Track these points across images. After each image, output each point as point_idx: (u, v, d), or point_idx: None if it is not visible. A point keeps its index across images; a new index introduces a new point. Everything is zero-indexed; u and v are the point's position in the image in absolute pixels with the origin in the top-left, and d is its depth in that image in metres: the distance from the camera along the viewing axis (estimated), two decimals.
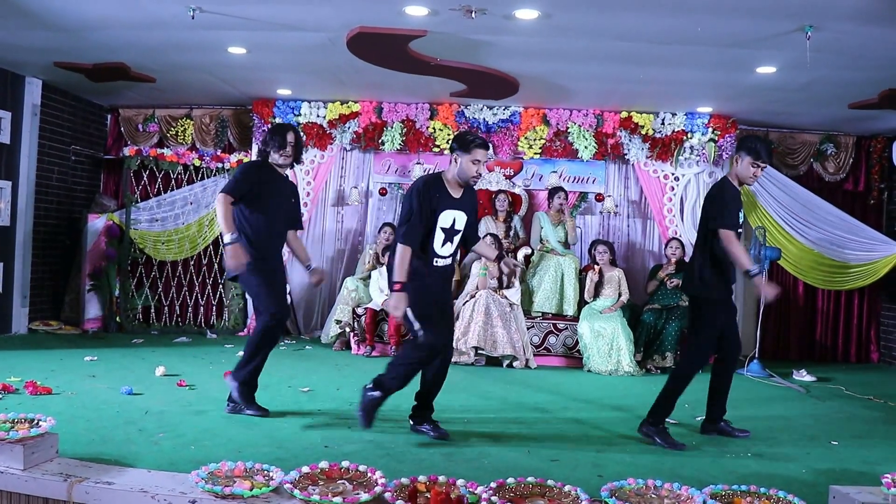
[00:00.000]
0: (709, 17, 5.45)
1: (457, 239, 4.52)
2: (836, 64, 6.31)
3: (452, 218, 4.44)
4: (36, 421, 3.55)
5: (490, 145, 4.51)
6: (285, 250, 5.35)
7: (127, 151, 8.91)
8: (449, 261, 4.54)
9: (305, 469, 3.29)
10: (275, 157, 4.94)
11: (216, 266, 9.19)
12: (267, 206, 4.89)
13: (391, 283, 4.37)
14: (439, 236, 4.41)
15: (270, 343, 4.89)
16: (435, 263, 4.45)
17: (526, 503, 3.11)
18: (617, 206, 9.07)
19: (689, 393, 6.30)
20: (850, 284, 8.56)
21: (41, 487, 3.17)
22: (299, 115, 8.91)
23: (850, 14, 5.18)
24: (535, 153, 8.89)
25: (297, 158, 5.05)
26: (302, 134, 8.70)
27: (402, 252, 4.31)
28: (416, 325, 4.33)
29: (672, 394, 4.73)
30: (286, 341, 8.51)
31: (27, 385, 5.26)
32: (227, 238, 4.65)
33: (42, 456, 3.37)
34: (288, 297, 8.94)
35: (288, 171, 5.13)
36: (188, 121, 9.45)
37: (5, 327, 8.03)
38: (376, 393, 4.38)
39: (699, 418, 5.33)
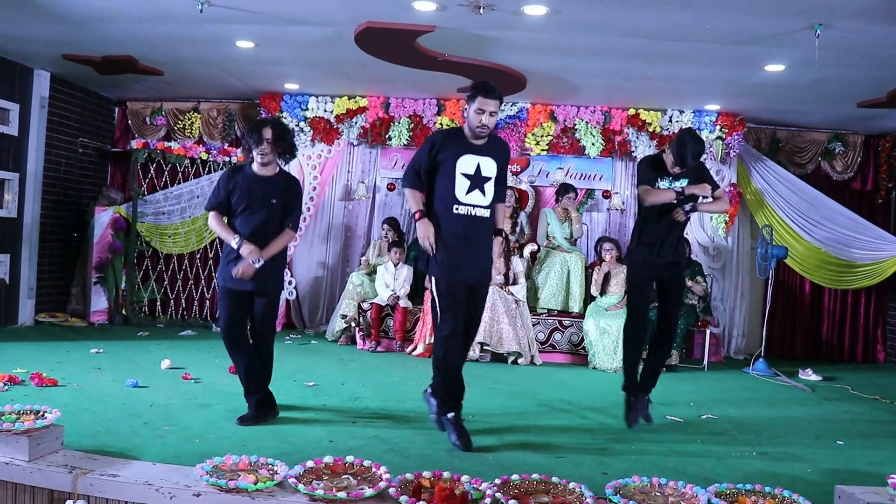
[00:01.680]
0: (717, 14, 5.43)
1: (489, 187, 4.33)
2: (844, 62, 6.28)
3: (476, 163, 4.28)
4: (42, 412, 3.56)
5: (500, 96, 4.34)
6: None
7: (134, 144, 8.94)
8: (480, 211, 4.32)
9: (310, 464, 3.30)
10: (254, 157, 4.60)
11: None
12: (243, 211, 4.60)
13: (413, 216, 4.47)
14: (462, 182, 4.26)
15: (229, 345, 4.71)
16: (456, 210, 4.27)
17: (530, 500, 3.11)
18: (624, 203, 9.05)
19: (695, 392, 6.34)
20: (857, 284, 8.54)
21: (46, 479, 3.19)
22: (306, 109, 8.91)
23: (860, 12, 5.16)
24: (542, 150, 8.87)
25: (284, 153, 4.69)
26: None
27: (407, 193, 4.45)
28: (437, 304, 4.35)
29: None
30: (291, 336, 8.52)
31: (33, 376, 5.29)
32: (234, 244, 4.51)
33: (47, 447, 3.38)
34: (292, 293, 9.04)
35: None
36: (195, 114, 9.46)
37: (12, 319, 8.07)
38: (433, 399, 4.45)
39: (704, 416, 5.33)
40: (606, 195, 9.06)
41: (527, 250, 8.34)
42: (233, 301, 4.65)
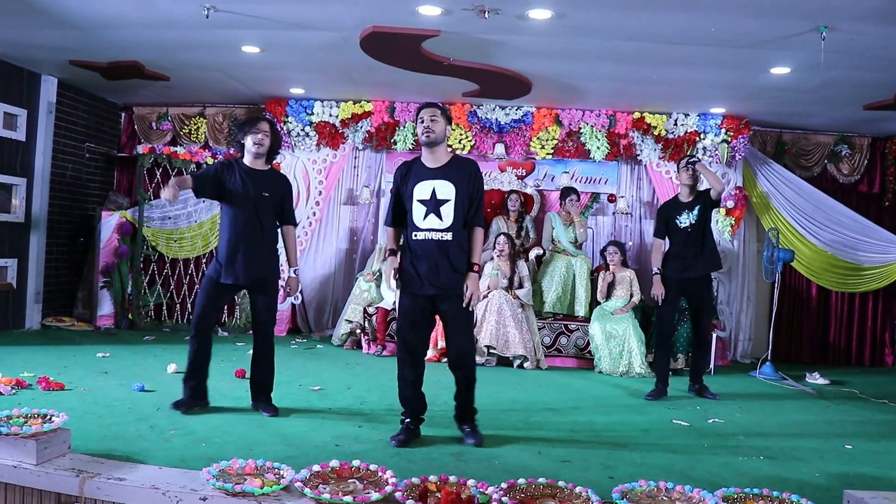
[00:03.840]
0: (722, 18, 5.43)
1: (447, 209, 4.29)
2: (850, 64, 6.28)
3: (431, 188, 4.31)
4: (49, 416, 3.57)
5: (435, 105, 4.41)
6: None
7: (140, 149, 8.97)
8: (438, 234, 4.29)
9: (316, 467, 3.29)
10: (248, 146, 4.88)
11: None
12: (236, 201, 4.84)
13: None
14: (418, 209, 4.32)
15: (203, 347, 5.01)
16: (414, 237, 4.34)
17: None
18: (629, 206, 9.04)
19: (701, 398, 6.31)
20: (865, 287, 8.51)
21: (53, 482, 3.19)
22: (312, 114, 8.92)
23: (866, 14, 5.15)
24: (548, 153, 8.87)
25: (273, 149, 4.99)
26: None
27: (387, 231, 4.62)
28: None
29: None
30: (297, 340, 8.52)
31: (40, 380, 5.30)
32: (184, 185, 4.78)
33: (55, 451, 3.38)
34: (298, 297, 9.03)
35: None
36: (201, 119, 9.48)
37: (19, 323, 8.09)
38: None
39: (711, 420, 5.32)
40: (612, 199, 9.05)
41: (532, 254, 8.33)
42: (219, 295, 5.01)
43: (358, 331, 8.14)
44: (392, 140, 8.94)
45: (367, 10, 5.73)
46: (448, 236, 4.30)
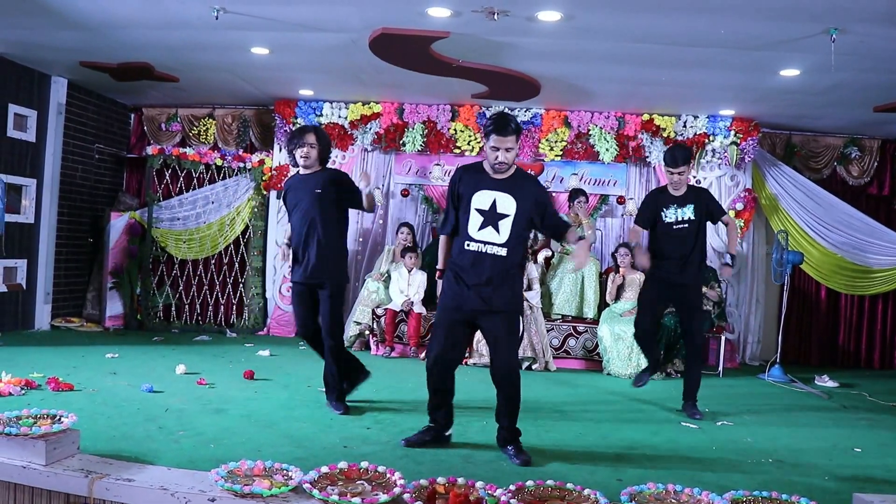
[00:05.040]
0: (732, 20, 5.41)
1: (504, 224, 4.12)
2: (860, 67, 6.25)
3: (492, 199, 4.13)
4: (58, 417, 3.57)
5: (517, 131, 4.24)
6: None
7: (150, 150, 9.00)
8: (492, 248, 4.13)
9: (324, 469, 3.29)
10: (297, 160, 5.06)
11: (237, 265, 9.24)
12: (295, 207, 5.10)
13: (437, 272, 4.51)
14: (475, 218, 4.14)
15: (315, 349, 5.28)
16: (467, 247, 4.16)
17: None
18: (638, 208, 9.01)
19: (710, 399, 6.30)
20: (874, 290, 8.48)
21: (62, 483, 3.20)
22: (321, 115, 8.94)
23: (876, 16, 5.13)
24: (557, 155, 8.87)
25: (321, 158, 5.10)
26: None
27: (441, 241, 4.51)
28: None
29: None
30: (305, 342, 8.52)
31: (49, 381, 5.31)
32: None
33: (64, 452, 3.39)
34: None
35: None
36: (210, 120, 9.51)
37: (28, 323, 8.12)
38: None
39: (720, 423, 5.31)
40: (621, 201, 9.04)
41: (541, 256, 8.32)
42: (300, 295, 5.14)
43: (366, 332, 8.15)
44: (401, 141, 8.94)
45: (377, 11, 5.74)
46: (503, 252, 4.14)
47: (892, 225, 8.59)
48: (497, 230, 4.14)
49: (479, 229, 4.15)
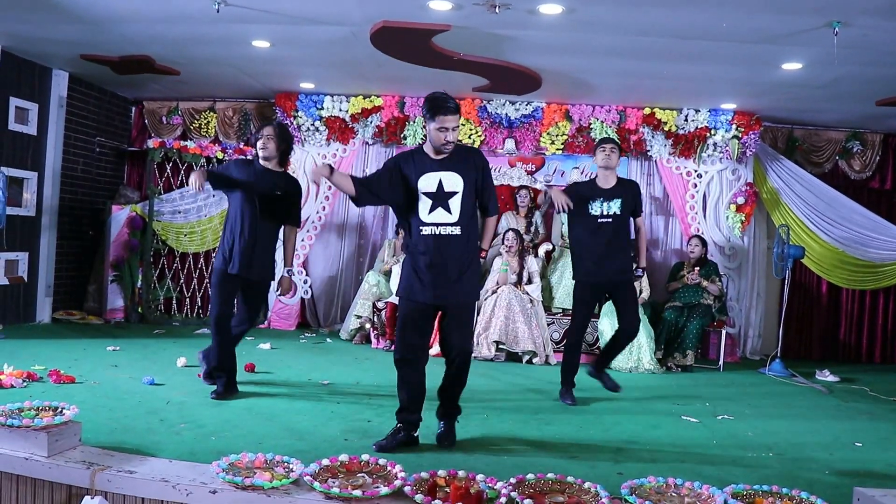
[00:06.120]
0: (734, 13, 5.39)
1: (455, 202, 4.08)
2: (863, 60, 6.23)
3: (437, 180, 4.07)
4: (60, 409, 3.59)
5: (458, 108, 4.19)
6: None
7: (151, 143, 8.97)
8: (447, 229, 4.08)
9: (325, 462, 3.30)
10: (257, 150, 5.20)
11: None
12: (248, 192, 5.11)
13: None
14: (424, 202, 4.08)
15: (218, 334, 5.20)
16: (421, 232, 4.10)
17: (545, 499, 3.10)
18: None
19: (711, 393, 6.31)
20: (875, 284, 8.45)
21: (64, 475, 3.21)
22: (322, 108, 8.92)
23: (879, 9, 5.11)
24: (558, 149, 8.85)
25: (279, 150, 5.19)
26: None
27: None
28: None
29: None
30: (306, 334, 8.55)
31: (51, 373, 5.32)
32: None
33: (66, 444, 3.40)
34: (307, 291, 9.06)
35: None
36: (211, 114, 9.50)
37: (30, 316, 8.13)
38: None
39: (720, 417, 5.31)
40: None
41: (542, 250, 8.32)
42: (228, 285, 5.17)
43: (367, 325, 8.16)
44: (402, 135, 8.93)
45: (378, 4, 5.72)
46: (457, 230, 4.09)
47: (894, 219, 8.56)
48: (448, 210, 4.09)
49: (430, 212, 4.09)
